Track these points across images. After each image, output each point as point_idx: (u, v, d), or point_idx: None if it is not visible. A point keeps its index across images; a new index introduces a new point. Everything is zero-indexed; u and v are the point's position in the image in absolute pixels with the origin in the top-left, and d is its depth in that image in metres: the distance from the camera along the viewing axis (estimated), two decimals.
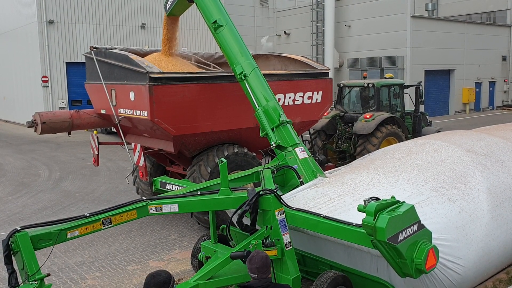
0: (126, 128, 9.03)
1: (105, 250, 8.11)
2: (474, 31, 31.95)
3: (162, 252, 7.97)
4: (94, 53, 8.93)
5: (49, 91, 24.77)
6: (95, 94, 9.26)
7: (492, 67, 33.88)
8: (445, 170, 6.56)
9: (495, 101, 34.82)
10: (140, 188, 10.19)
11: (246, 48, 7.33)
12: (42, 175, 14.30)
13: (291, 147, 6.59)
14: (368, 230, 4.13)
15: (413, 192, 5.97)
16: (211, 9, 7.47)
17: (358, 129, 11.87)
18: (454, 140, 7.70)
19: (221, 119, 8.32)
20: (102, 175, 14.01)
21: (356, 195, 5.99)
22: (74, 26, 25.13)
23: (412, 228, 4.27)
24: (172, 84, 7.77)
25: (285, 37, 34.69)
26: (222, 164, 5.11)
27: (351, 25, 30.16)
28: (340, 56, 30.72)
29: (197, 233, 8.76)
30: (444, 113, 30.82)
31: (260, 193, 5.01)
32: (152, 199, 5.07)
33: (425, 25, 28.73)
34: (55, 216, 10.03)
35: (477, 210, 5.85)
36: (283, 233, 5.02)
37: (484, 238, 5.64)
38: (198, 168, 8.28)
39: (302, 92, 9.29)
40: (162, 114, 7.71)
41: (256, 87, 6.94)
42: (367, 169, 6.94)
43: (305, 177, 6.39)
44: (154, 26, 27.84)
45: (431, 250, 4.37)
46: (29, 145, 20.17)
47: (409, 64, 27.60)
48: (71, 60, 25.20)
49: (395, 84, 13.24)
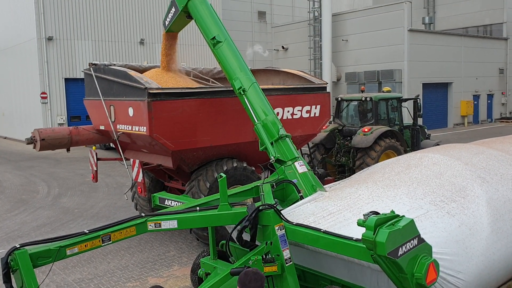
0: (125, 144, 9.04)
1: (104, 267, 8.06)
2: (471, 44, 32.20)
3: (161, 268, 7.92)
4: (93, 69, 8.97)
5: (48, 107, 24.83)
6: (94, 110, 9.28)
7: (489, 80, 34.08)
8: (444, 184, 6.55)
9: (493, 113, 34.96)
10: (138, 204, 10.16)
11: (244, 63, 7.38)
12: (41, 191, 14.27)
13: (290, 161, 6.58)
14: (368, 244, 4.10)
15: (413, 206, 5.95)
16: (209, 25, 7.53)
17: (357, 142, 11.88)
18: (453, 154, 7.70)
19: (220, 134, 8.33)
20: (101, 191, 13.97)
21: (355, 209, 5.97)
22: (73, 42, 25.29)
23: (412, 242, 4.25)
24: (171, 99, 7.80)
25: (283, 51, 34.92)
26: (221, 179, 5.10)
27: (349, 39, 30.39)
28: (338, 70, 30.90)
29: (196, 249, 8.72)
30: (442, 126, 30.91)
31: (259, 208, 4.99)
32: (151, 215, 5.05)
33: (422, 39, 28.96)
34: (54, 233, 9.99)
35: (477, 224, 5.83)
36: (283, 248, 4.99)
37: (484, 252, 5.61)
38: (197, 183, 8.27)
39: (301, 106, 9.33)
40: (161, 129, 7.72)
41: (255, 102, 6.96)
42: (366, 183, 6.92)
43: (305, 191, 6.37)
44: (153, 42, 28.02)
45: (432, 264, 4.34)
46: (28, 162, 20.15)
47: (407, 77, 27.75)
48: (70, 76, 25.31)
49: (393, 97, 13.30)
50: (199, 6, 7.71)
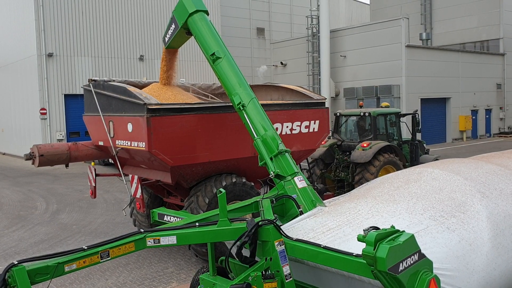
0: (124, 160, 9.03)
1: (102, 284, 7.98)
2: (468, 60, 32.44)
3: (159, 285, 7.84)
4: (93, 85, 9.00)
5: (47, 123, 24.87)
6: (93, 126, 9.29)
7: (487, 95, 34.26)
8: (444, 199, 6.54)
9: (491, 128, 35.07)
10: (137, 220, 10.11)
11: (244, 79, 7.41)
12: (39, 207, 14.21)
13: (290, 176, 6.57)
14: (368, 260, 4.08)
15: (412, 221, 5.93)
16: (209, 41, 7.58)
17: (356, 157, 11.89)
18: (452, 168, 7.70)
19: (219, 149, 8.33)
20: (99, 207, 13.92)
21: (355, 224, 5.95)
22: (73, 59, 25.43)
23: (412, 258, 4.23)
24: (170, 115, 7.81)
25: (281, 67, 35.13)
26: (221, 195, 5.08)
27: (347, 55, 30.60)
28: (336, 86, 31.06)
29: (195, 266, 8.65)
30: (441, 141, 30.97)
31: (259, 224, 4.97)
32: (150, 231, 5.01)
33: (420, 55, 29.17)
34: (52, 249, 9.92)
35: (477, 239, 5.80)
36: (283, 264, 4.95)
37: (485, 268, 5.57)
38: (196, 199, 8.24)
39: (299, 122, 9.35)
40: (160, 145, 7.72)
41: (254, 117, 6.98)
42: (365, 198, 6.90)
43: (304, 207, 6.35)
44: (152, 58, 28.19)
45: (433, 280, 4.31)
46: (26, 178, 20.11)
47: (405, 92, 27.89)
48: (70, 92, 25.41)
49: (391, 112, 13.34)
50: (198, 22, 7.77)
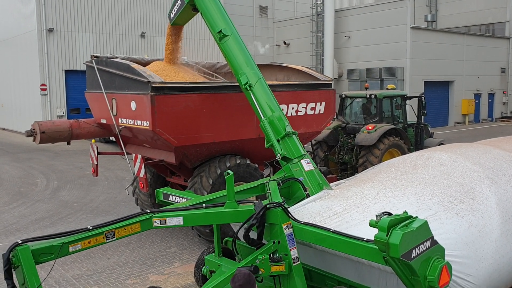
0: (126, 138, 8.90)
1: (103, 263, 7.94)
2: (473, 43, 32.07)
3: (162, 265, 7.80)
4: (95, 61, 8.82)
5: (48, 99, 24.65)
6: (95, 103, 9.14)
7: (491, 79, 33.97)
8: (452, 184, 6.44)
9: (494, 112, 34.87)
10: (139, 199, 10.03)
11: (251, 58, 7.24)
12: (39, 184, 14.14)
13: (296, 158, 6.47)
14: (380, 246, 3.99)
15: (421, 206, 5.85)
16: (216, 18, 7.38)
17: (360, 140, 11.76)
18: (460, 154, 7.59)
19: (223, 130, 8.20)
20: (100, 185, 13.85)
21: (362, 209, 5.86)
22: (73, 34, 25.08)
23: (425, 244, 4.15)
24: (174, 94, 7.66)
25: (284, 47, 34.74)
26: (228, 177, 4.98)
27: (351, 36, 30.23)
28: (340, 67, 30.76)
29: (198, 246, 8.61)
30: (443, 124, 30.82)
31: (267, 207, 4.88)
32: (156, 211, 4.93)
33: (425, 37, 28.81)
34: (53, 227, 9.87)
35: (486, 226, 5.72)
36: (290, 247, 4.88)
37: (493, 255, 5.50)
38: (200, 179, 8.15)
39: (305, 103, 9.20)
40: (164, 124, 7.59)
41: (261, 98, 6.83)
42: (372, 182, 6.81)
43: (311, 190, 6.27)
44: (154, 35, 27.82)
45: (445, 267, 4.23)
46: (27, 154, 20.00)
47: (408, 75, 27.63)
48: (70, 68, 25.11)
49: (398, 95, 13.17)
50: None
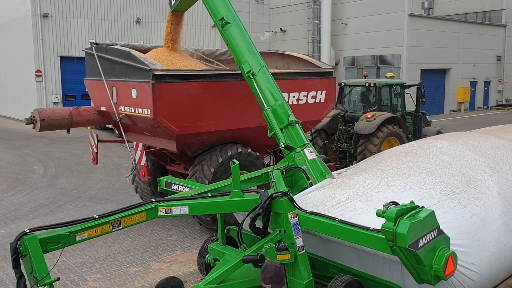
0: (126, 126, 8.85)
1: (105, 251, 7.95)
2: (469, 31, 32.01)
3: (163, 253, 7.82)
4: (95, 48, 8.73)
5: (43, 86, 24.44)
6: (95, 91, 9.07)
7: (487, 67, 34.00)
8: (454, 174, 6.48)
9: (489, 100, 34.97)
10: (139, 187, 10.01)
11: (254, 46, 7.19)
12: (37, 171, 14.08)
13: (299, 147, 6.48)
14: (388, 235, 4.03)
15: (423, 195, 5.88)
16: (218, 5, 7.31)
17: (360, 129, 11.78)
18: (461, 143, 7.63)
19: (225, 118, 8.17)
20: (98, 172, 13.81)
21: (365, 198, 5.89)
22: (68, 20, 24.79)
23: (432, 234, 4.19)
24: (176, 81, 7.61)
25: (281, 34, 34.56)
26: (234, 166, 4.99)
27: (348, 23, 30.10)
28: (336, 54, 30.66)
29: (199, 234, 8.64)
30: (439, 112, 30.88)
31: (273, 196, 4.90)
32: (161, 200, 4.94)
33: (422, 24, 28.73)
34: (53, 214, 9.86)
35: (488, 215, 5.77)
36: (296, 236, 4.91)
37: (495, 244, 5.55)
38: (201, 168, 8.14)
39: (306, 92, 9.17)
40: (166, 112, 7.55)
41: (264, 86, 6.81)
42: (374, 171, 6.83)
43: (314, 178, 6.29)
44: (149, 21, 27.57)
45: (450, 256, 4.28)
46: (23, 140, 19.89)
47: (405, 63, 27.59)
48: (66, 54, 24.87)
49: (397, 83, 13.17)
50: None
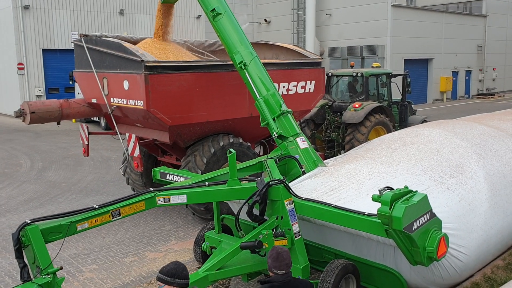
0: (117, 118, 8.86)
1: (99, 242, 8.00)
2: (451, 21, 32.44)
3: (158, 243, 7.90)
4: (84, 40, 8.71)
5: (25, 79, 24.10)
6: (85, 83, 9.06)
7: (468, 56, 34.52)
8: (442, 160, 6.67)
9: (471, 89, 35.54)
10: (130, 178, 10.04)
11: (245, 36, 7.26)
12: (23, 165, 13.97)
13: (292, 137, 6.60)
14: (383, 219, 4.18)
15: (413, 181, 6.05)
16: None
17: (347, 118, 11.94)
18: (448, 130, 7.83)
19: (216, 109, 8.25)
20: (87, 164, 13.77)
21: (357, 185, 6.04)
22: (50, 12, 24.43)
23: (425, 217, 4.35)
24: (168, 73, 7.66)
25: (265, 25, 34.54)
26: (231, 155, 5.08)
27: (332, 14, 30.24)
28: (321, 45, 30.81)
29: (192, 224, 8.72)
30: (422, 102, 31.30)
31: (270, 184, 5.01)
32: (160, 190, 5.01)
33: (405, 15, 29.03)
34: (43, 207, 9.84)
35: (475, 199, 5.98)
36: (292, 222, 5.04)
37: (483, 226, 5.77)
38: (194, 158, 8.21)
39: (296, 82, 9.28)
40: (158, 104, 7.59)
41: (256, 77, 6.90)
42: (364, 159, 6.99)
43: (307, 167, 6.42)
44: (133, 13, 27.32)
45: (442, 238, 4.46)
46: (6, 134, 19.65)
47: (389, 53, 27.88)
48: (48, 47, 24.52)
49: (383, 73, 13.35)
50: None
